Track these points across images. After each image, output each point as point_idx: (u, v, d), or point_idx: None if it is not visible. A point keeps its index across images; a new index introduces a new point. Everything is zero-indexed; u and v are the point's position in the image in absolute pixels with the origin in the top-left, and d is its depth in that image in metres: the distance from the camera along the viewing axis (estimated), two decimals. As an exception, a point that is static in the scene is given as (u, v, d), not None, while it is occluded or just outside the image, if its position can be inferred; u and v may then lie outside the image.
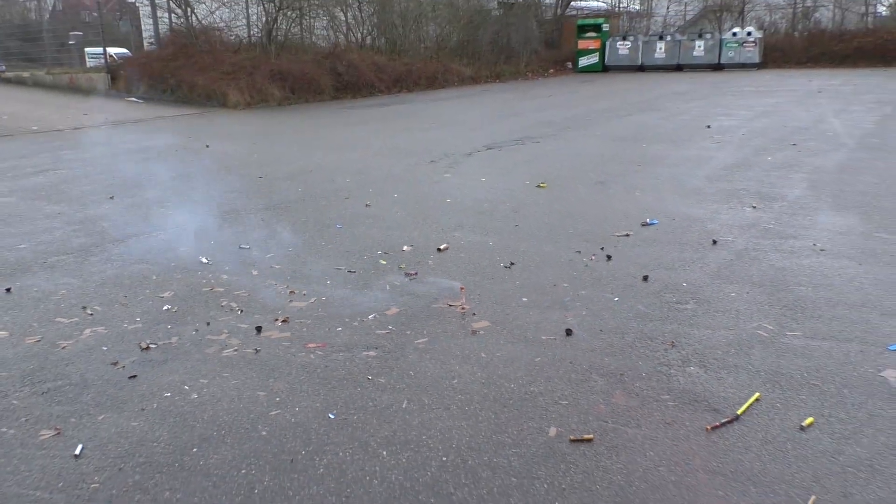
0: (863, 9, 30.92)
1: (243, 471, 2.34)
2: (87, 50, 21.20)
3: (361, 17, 22.06)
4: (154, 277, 4.32)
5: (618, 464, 2.33)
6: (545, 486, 2.22)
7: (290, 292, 4.00)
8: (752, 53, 25.46)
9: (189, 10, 17.89)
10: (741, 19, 29.16)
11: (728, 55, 25.79)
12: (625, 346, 3.21)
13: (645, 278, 4.08)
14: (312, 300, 3.88)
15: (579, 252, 4.62)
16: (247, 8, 19.10)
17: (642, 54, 27.42)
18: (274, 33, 18.57)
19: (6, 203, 6.56)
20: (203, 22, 18.38)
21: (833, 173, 6.94)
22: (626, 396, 2.77)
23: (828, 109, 12.28)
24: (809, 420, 2.54)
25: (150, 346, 3.34)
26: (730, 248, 4.64)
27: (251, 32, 19.04)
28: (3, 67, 19.69)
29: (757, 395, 2.73)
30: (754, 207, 5.71)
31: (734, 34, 25.96)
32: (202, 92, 16.09)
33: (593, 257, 4.51)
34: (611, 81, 22.35)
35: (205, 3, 18.38)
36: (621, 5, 35.03)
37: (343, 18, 21.22)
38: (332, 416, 2.67)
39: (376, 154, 8.98)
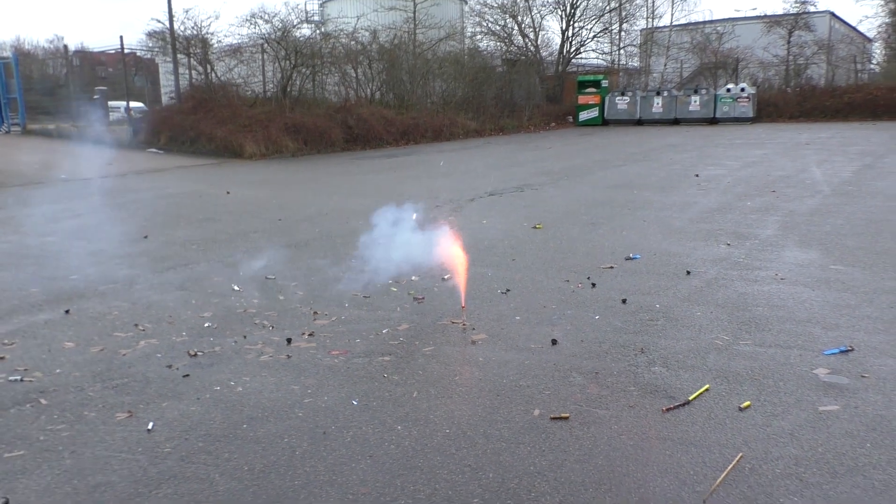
0: (853, 66, 32.11)
1: (285, 440, 2.91)
2: (110, 103, 22.24)
3: (371, 73, 23.15)
4: (193, 301, 4.93)
5: (588, 434, 2.89)
6: (528, 448, 2.78)
7: (314, 313, 4.60)
8: (747, 108, 26.44)
9: (209, 67, 18.94)
10: (735, 76, 30.28)
11: (723, 110, 26.78)
12: (601, 353, 3.78)
13: (623, 301, 4.67)
14: (333, 318, 4.48)
15: (567, 281, 5.22)
16: (262, 65, 20.20)
17: (640, 109, 28.46)
18: (288, 89, 19.59)
19: (51, 242, 7.22)
20: (222, 78, 19.42)
21: (805, 216, 7.57)
22: (599, 388, 3.34)
23: (811, 160, 13.00)
24: (747, 403, 3.10)
25: (198, 353, 3.93)
26: (701, 278, 5.24)
27: (267, 88, 20.07)
28: (22, 122, 20.63)
29: (707, 386, 3.29)
30: (728, 245, 6.32)
31: (728, 90, 27.02)
32: (220, 143, 16.97)
33: (580, 285, 5.11)
34: (609, 134, 23.27)
35: (223, 60, 19.46)
36: (620, 62, 36.35)
37: (353, 75, 22.30)
38: (354, 403, 3.24)
39: (386, 199, 9.65)
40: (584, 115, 29.44)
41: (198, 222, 8.06)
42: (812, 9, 31.94)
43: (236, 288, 5.22)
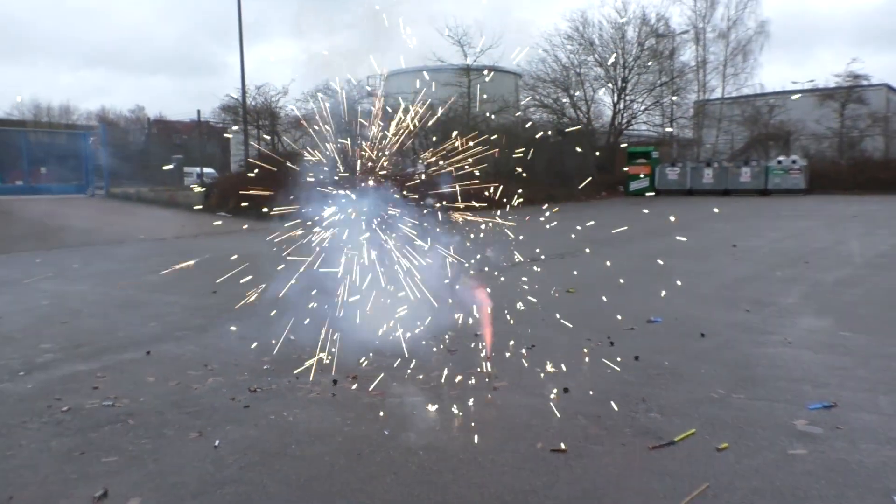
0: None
1: (326, 458, 3.50)
2: (185, 169, 24.01)
3: (426, 142, 24.34)
4: (253, 346, 5.62)
5: (580, 464, 3.39)
6: (527, 472, 3.30)
7: (360, 361, 5.22)
8: (798, 180, 26.54)
9: (276, 137, 20.40)
10: (787, 148, 30.43)
11: (774, 181, 26.93)
12: (606, 400, 4.27)
13: (636, 358, 5.15)
14: (375, 366, 5.09)
15: (589, 339, 5.73)
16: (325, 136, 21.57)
17: (691, 179, 28.85)
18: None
19: (134, 294, 8.13)
20: (287, 148, 20.84)
21: (829, 286, 7.89)
22: (598, 428, 3.83)
23: (853, 233, 13.18)
24: (724, 445, 3.55)
25: (257, 389, 4.59)
26: (713, 340, 5.67)
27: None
28: (106, 187, 22.44)
29: (693, 430, 3.75)
30: (748, 311, 6.71)
31: (779, 161, 27.22)
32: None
33: (599, 343, 5.61)
34: (657, 204, 23.68)
35: (290, 132, 20.91)
36: (672, 133, 36.91)
37: (410, 145, 23.47)
38: (386, 433, 3.81)
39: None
40: (634, 185, 29.97)
41: (259, 280, 8.86)
42: (866, 82, 32.03)
43: (292, 338, 5.90)
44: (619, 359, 5.15)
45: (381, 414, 4.10)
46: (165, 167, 23.22)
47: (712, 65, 37.59)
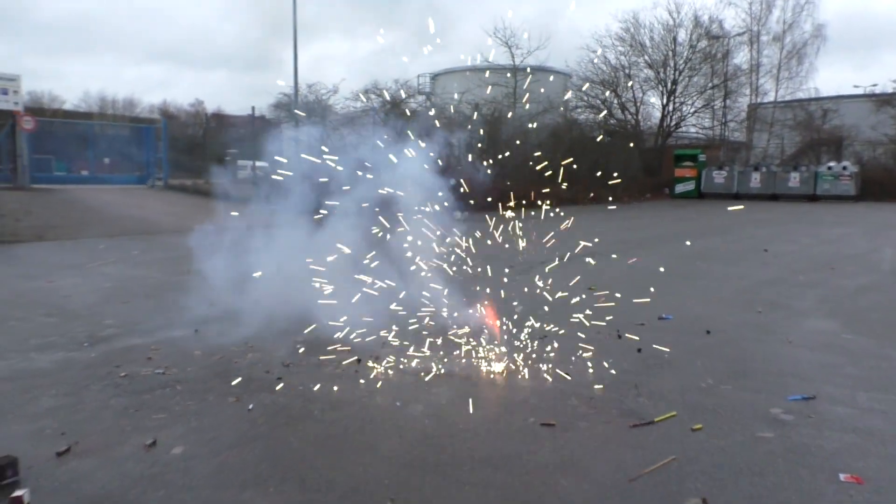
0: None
1: (344, 422, 4.00)
2: (239, 162, 24.99)
3: (471, 141, 24.79)
4: (289, 329, 6.18)
5: (565, 436, 3.81)
6: (517, 440, 3.74)
7: (383, 343, 5.72)
8: (848, 186, 26.06)
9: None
10: (839, 153, 29.84)
11: (823, 187, 26.50)
12: (602, 386, 4.67)
13: (639, 350, 5.52)
14: (397, 348, 5.58)
15: (599, 333, 6.11)
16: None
17: (737, 183, 28.58)
18: (392, 156, 21.43)
19: (186, 279, 8.82)
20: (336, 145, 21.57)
21: (848, 291, 8.06)
22: (588, 408, 4.24)
23: (889, 241, 13.11)
24: (699, 426, 3.93)
25: (290, 363, 5.14)
26: (718, 337, 5.99)
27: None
28: (165, 178, 23.57)
29: (674, 413, 4.13)
30: (759, 312, 6.98)
31: (829, 167, 26.75)
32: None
33: (608, 336, 5.99)
34: (701, 207, 23.62)
35: (339, 130, 21.61)
36: (723, 136, 36.49)
37: (454, 143, 24.00)
38: (398, 404, 4.30)
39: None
40: (680, 188, 29.84)
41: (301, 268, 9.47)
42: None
43: (329, 323, 6.44)
44: (622, 350, 5.53)
45: (396, 389, 4.59)
46: (221, 160, 24.22)
47: (766, 68, 37.08)
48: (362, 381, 4.77)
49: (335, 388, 4.61)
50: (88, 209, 17.43)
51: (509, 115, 25.60)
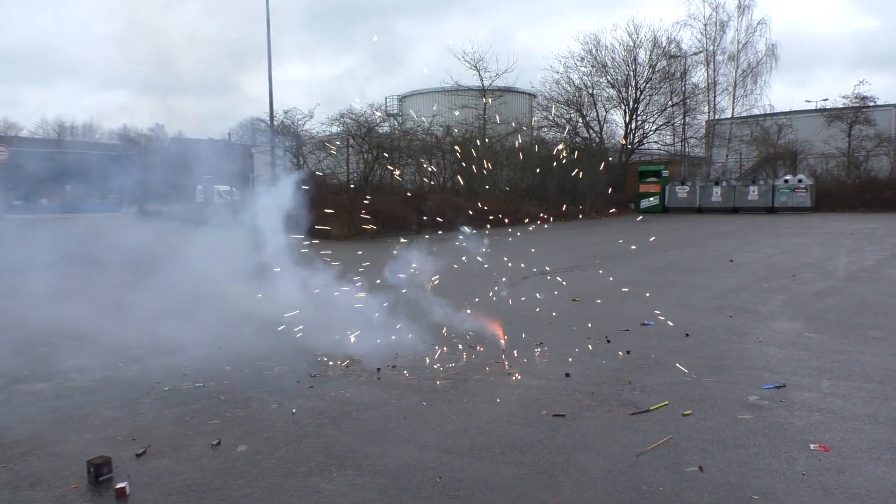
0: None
1: (380, 420, 4.54)
2: (216, 188, 25.30)
3: (444, 164, 25.51)
4: (308, 344, 6.68)
5: (575, 423, 4.41)
6: (533, 428, 4.33)
7: (395, 354, 6.27)
8: (805, 198, 27.39)
9: (302, 159, 21.63)
10: (794, 167, 31.29)
11: (781, 199, 27.80)
12: (599, 382, 5.29)
13: (627, 352, 6.16)
14: (409, 358, 6.13)
15: (589, 338, 6.74)
16: (347, 158, 22.81)
17: (700, 197, 29.76)
18: (370, 178, 22.02)
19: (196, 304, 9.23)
20: (312, 169, 22.07)
21: (808, 296, 8.85)
22: (591, 401, 4.85)
23: (844, 249, 14.09)
24: (689, 411, 4.56)
25: (317, 374, 5.65)
26: (696, 339, 6.67)
27: (350, 178, 22.58)
28: (135, 204, 23.82)
29: (667, 402, 4.76)
30: (731, 316, 7.70)
31: (786, 180, 28.09)
32: (309, 227, 19.30)
33: (598, 341, 6.62)
34: (665, 222, 24.62)
35: (314, 154, 22.14)
36: (683, 152, 37.87)
37: (427, 167, 24.69)
38: (424, 404, 4.86)
39: (453, 276, 11.40)
40: (645, 203, 30.92)
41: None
42: (872, 103, 32.86)
43: (337, 337, 6.97)
44: (613, 352, 6.17)
45: (418, 392, 5.15)
46: (197, 186, 24.49)
47: (722, 86, 38.69)
48: (386, 386, 5.31)
49: (364, 392, 5.14)
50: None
51: (485, 139, 26.39)
